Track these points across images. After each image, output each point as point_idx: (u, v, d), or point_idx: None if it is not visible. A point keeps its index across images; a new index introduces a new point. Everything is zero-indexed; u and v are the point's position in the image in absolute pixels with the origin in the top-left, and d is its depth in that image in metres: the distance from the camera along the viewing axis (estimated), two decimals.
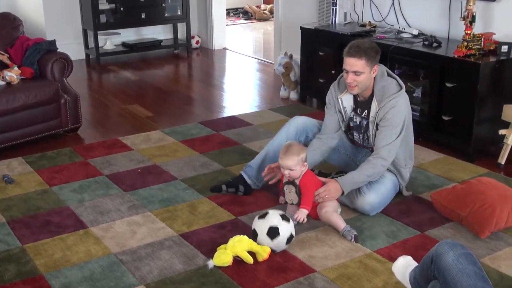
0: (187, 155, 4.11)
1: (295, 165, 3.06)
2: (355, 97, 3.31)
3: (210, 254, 2.84)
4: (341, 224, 3.05)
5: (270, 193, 3.46)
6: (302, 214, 3.03)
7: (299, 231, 3.06)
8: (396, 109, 3.15)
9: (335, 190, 3.11)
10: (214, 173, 3.80)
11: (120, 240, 3.01)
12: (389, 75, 3.26)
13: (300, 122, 3.49)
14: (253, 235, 2.89)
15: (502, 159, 3.92)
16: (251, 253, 2.81)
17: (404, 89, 3.22)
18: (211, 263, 2.76)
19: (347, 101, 3.33)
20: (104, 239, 3.02)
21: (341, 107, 3.35)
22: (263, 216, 2.93)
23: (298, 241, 2.98)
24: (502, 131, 3.89)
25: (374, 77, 3.20)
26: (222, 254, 2.77)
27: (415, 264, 2.34)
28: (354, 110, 3.33)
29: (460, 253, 2.01)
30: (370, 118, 3.24)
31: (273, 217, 2.89)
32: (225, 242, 2.87)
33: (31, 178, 3.75)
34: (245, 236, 2.85)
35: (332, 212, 3.10)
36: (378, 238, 3.02)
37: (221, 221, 3.20)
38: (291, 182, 3.12)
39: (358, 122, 3.34)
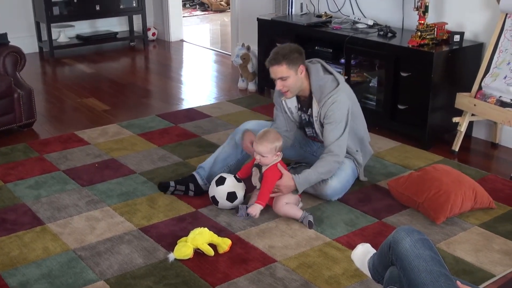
0: (145, 148, 4.07)
1: (267, 152, 3.07)
2: (297, 97, 3.33)
3: (170, 247, 2.83)
4: (297, 213, 3.09)
5: None
6: (255, 210, 3.04)
7: (259, 221, 3.08)
8: (336, 105, 3.16)
9: (287, 187, 3.10)
10: (173, 165, 3.78)
11: (78, 236, 2.97)
12: (326, 70, 3.27)
13: (251, 127, 3.41)
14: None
15: (456, 146, 4.01)
16: (212, 245, 2.81)
17: (341, 83, 3.22)
18: (171, 256, 2.75)
19: (290, 102, 3.35)
20: (62, 235, 2.97)
21: (286, 108, 3.37)
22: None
23: (259, 232, 3.00)
24: (455, 119, 3.98)
25: (309, 77, 3.21)
26: (182, 247, 2.77)
27: (374, 251, 2.37)
28: (300, 109, 3.36)
29: (416, 239, 2.04)
30: (314, 118, 3.27)
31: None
32: (186, 234, 2.86)
33: None
34: (206, 228, 2.85)
35: (289, 205, 3.12)
36: (337, 227, 3.05)
37: (181, 213, 3.19)
38: (260, 166, 3.13)
39: (307, 119, 3.37)
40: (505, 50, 3.80)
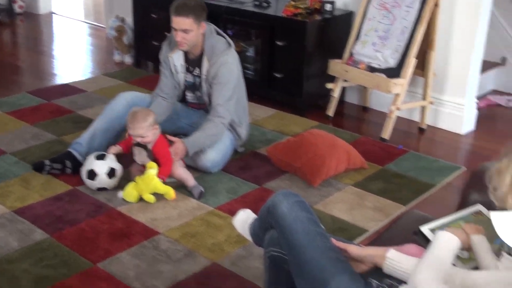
0: (16, 127, 3.86)
1: (145, 132, 3.00)
2: (186, 55, 3.33)
3: (48, 227, 2.74)
4: (191, 181, 3.10)
5: None
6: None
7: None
8: (227, 66, 3.23)
9: (181, 151, 3.11)
10: (47, 144, 3.62)
11: None
12: (218, 33, 3.32)
13: (128, 97, 3.37)
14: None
15: (330, 111, 4.17)
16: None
17: (233, 46, 3.31)
18: (120, 194, 2.99)
19: (178, 59, 3.35)
20: None
21: (172, 65, 3.36)
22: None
23: (140, 206, 2.96)
24: (329, 85, 4.12)
25: (204, 35, 3.25)
26: (132, 188, 2.97)
27: (254, 216, 2.42)
28: (187, 69, 3.36)
29: (293, 201, 2.10)
30: (203, 76, 3.29)
31: (89, 160, 3.09)
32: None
33: None
34: (153, 175, 2.97)
35: (184, 169, 3.14)
36: (219, 195, 3.09)
37: (57, 192, 3.07)
38: (142, 145, 3.04)
39: (192, 81, 3.37)
40: (373, 18, 3.97)
